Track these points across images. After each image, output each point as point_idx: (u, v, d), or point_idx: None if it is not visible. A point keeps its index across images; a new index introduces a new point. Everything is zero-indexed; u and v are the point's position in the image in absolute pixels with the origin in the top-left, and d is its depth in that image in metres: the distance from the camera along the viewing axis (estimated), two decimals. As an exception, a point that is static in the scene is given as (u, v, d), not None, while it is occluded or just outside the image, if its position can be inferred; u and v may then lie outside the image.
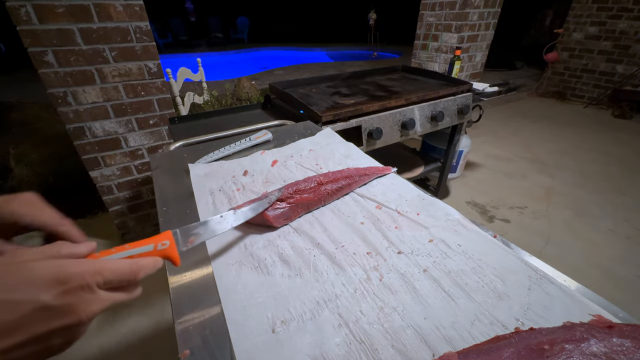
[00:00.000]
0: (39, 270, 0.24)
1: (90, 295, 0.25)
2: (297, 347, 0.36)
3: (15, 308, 0.22)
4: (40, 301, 0.22)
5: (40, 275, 0.23)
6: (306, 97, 1.43)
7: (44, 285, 0.23)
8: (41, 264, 0.24)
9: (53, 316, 0.23)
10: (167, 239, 0.36)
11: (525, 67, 6.49)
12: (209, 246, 0.51)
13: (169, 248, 0.36)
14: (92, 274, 0.26)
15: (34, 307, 0.22)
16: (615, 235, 1.90)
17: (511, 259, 0.47)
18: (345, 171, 0.66)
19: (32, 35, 1.21)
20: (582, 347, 0.31)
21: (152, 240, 0.35)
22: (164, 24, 8.47)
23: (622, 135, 3.31)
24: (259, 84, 4.31)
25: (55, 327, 0.23)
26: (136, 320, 1.40)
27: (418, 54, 2.66)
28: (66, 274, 0.24)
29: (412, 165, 1.97)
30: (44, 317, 0.23)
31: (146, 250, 0.34)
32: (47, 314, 0.23)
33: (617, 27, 3.87)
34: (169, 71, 1.94)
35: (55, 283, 0.23)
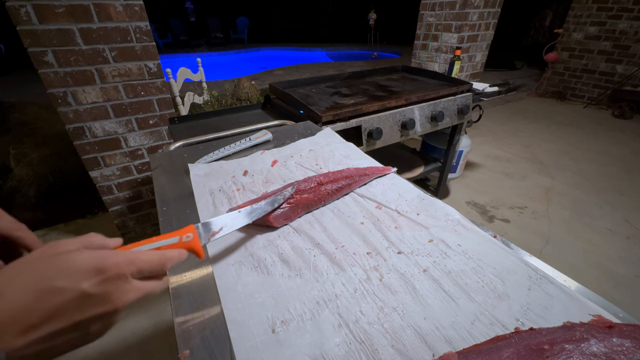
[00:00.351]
0: (79, 261, 0.25)
1: (126, 285, 0.27)
2: (296, 347, 0.36)
3: (59, 295, 0.23)
4: (81, 289, 0.24)
5: (81, 265, 0.25)
6: (306, 97, 1.43)
7: (84, 275, 0.24)
8: (81, 255, 0.26)
9: (93, 304, 0.25)
10: (191, 232, 0.38)
11: (525, 67, 6.49)
12: (209, 246, 0.51)
13: (192, 241, 0.37)
14: (127, 264, 0.27)
15: (75, 294, 0.24)
16: (614, 235, 1.90)
17: (511, 259, 0.47)
18: (345, 171, 0.66)
19: (32, 35, 1.21)
20: (582, 347, 0.31)
21: (177, 233, 0.37)
22: (163, 24, 8.47)
23: (621, 135, 3.31)
24: (259, 84, 4.31)
25: (94, 314, 0.25)
26: (136, 321, 1.40)
27: (418, 54, 2.66)
28: (104, 264, 0.26)
29: (412, 165, 1.97)
30: (85, 305, 0.24)
31: (172, 242, 0.36)
32: (87, 301, 0.24)
33: (617, 27, 3.88)
34: (169, 71, 1.94)
35: (95, 272, 0.25)
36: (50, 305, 0.23)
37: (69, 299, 0.24)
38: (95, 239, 0.30)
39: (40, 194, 2.13)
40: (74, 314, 0.24)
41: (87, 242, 0.29)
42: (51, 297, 0.23)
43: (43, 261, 0.25)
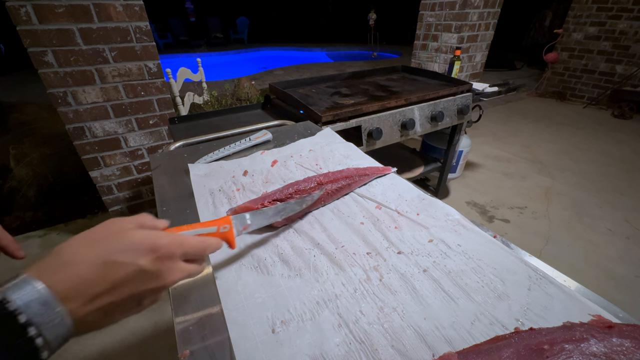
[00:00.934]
0: (137, 239, 0.28)
1: (174, 264, 0.30)
2: (296, 347, 0.36)
3: (121, 269, 0.26)
4: (139, 265, 0.27)
5: (139, 243, 0.27)
6: (306, 97, 1.43)
7: (142, 252, 0.27)
8: (138, 233, 0.28)
9: (147, 279, 0.27)
10: (227, 223, 0.40)
11: (525, 67, 6.49)
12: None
13: (228, 232, 0.40)
14: (177, 245, 0.30)
15: (134, 269, 0.26)
16: (614, 235, 1.90)
17: (511, 259, 0.47)
18: (345, 171, 0.66)
19: (32, 35, 1.21)
20: (582, 347, 0.31)
21: (215, 223, 0.39)
22: (163, 24, 8.47)
23: (621, 135, 3.31)
24: (259, 84, 4.31)
25: (147, 289, 0.28)
26: (136, 321, 1.40)
27: (418, 54, 2.66)
28: (158, 244, 0.28)
29: (412, 165, 1.97)
30: (141, 279, 0.27)
31: (210, 231, 0.38)
32: (143, 276, 0.27)
33: (617, 27, 3.88)
34: (169, 71, 1.94)
35: (150, 251, 0.27)
36: (112, 278, 0.25)
37: (129, 272, 0.26)
38: (146, 219, 0.32)
39: (40, 194, 2.13)
40: (131, 286, 0.26)
41: (140, 222, 0.31)
42: (114, 270, 0.25)
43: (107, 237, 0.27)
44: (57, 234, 1.92)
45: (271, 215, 0.50)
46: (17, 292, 0.22)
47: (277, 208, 0.51)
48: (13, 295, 0.22)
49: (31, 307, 0.22)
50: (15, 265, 0.47)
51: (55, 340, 0.23)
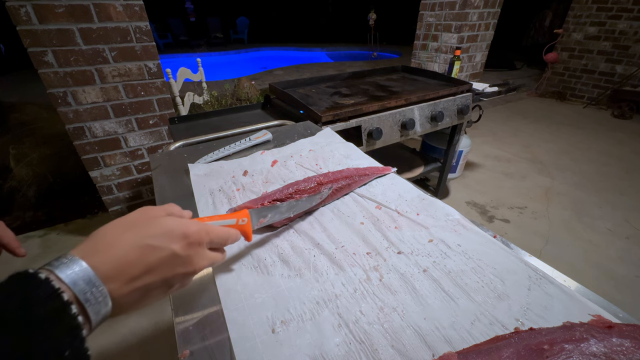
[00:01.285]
0: (170, 225, 0.29)
1: (202, 251, 0.32)
2: (296, 347, 0.36)
3: (156, 253, 0.27)
4: (172, 249, 0.28)
5: (172, 229, 0.29)
6: (306, 97, 1.43)
7: (174, 238, 0.29)
8: (170, 220, 0.30)
9: (179, 263, 0.29)
10: (246, 217, 0.42)
11: (525, 68, 6.49)
12: (208, 246, 0.51)
13: (246, 225, 0.42)
14: (205, 233, 0.32)
15: (168, 253, 0.28)
16: (614, 235, 1.90)
17: (511, 259, 0.47)
18: (345, 171, 0.66)
19: (32, 35, 1.21)
20: (582, 347, 0.31)
21: (234, 215, 0.41)
22: (163, 24, 8.47)
23: (621, 135, 3.31)
24: (259, 84, 4.31)
25: (178, 273, 0.29)
26: (135, 321, 1.40)
27: (418, 54, 2.66)
28: (189, 231, 0.30)
29: (412, 165, 1.97)
30: (174, 263, 0.28)
31: (230, 223, 0.40)
32: (175, 260, 0.29)
33: (617, 27, 3.88)
34: (168, 71, 1.94)
35: (182, 237, 0.29)
36: (149, 261, 0.27)
37: (163, 256, 0.28)
38: (174, 208, 0.34)
39: (40, 194, 2.13)
40: (165, 270, 0.28)
41: (170, 210, 0.33)
42: (150, 254, 0.27)
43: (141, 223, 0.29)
44: (57, 234, 1.92)
45: (285, 210, 0.51)
46: (64, 271, 0.23)
47: (290, 204, 0.53)
48: (61, 273, 0.23)
49: (78, 285, 0.23)
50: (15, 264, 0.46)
51: (96, 318, 0.24)
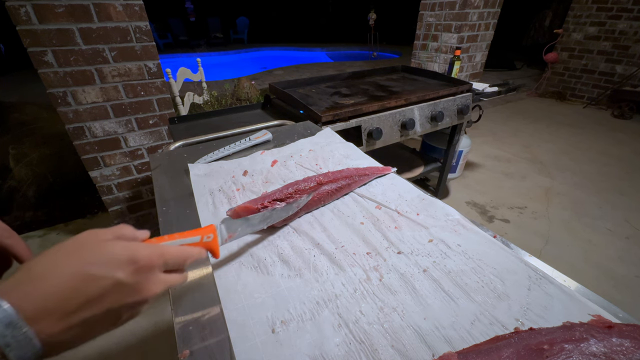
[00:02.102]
0: (115, 251, 0.26)
1: (154, 276, 0.29)
2: (296, 347, 0.36)
3: (97, 283, 0.24)
4: (116, 278, 0.25)
5: (117, 255, 0.26)
6: (306, 97, 1.43)
7: (119, 264, 0.26)
8: (116, 245, 0.27)
9: (126, 292, 0.26)
10: (212, 233, 0.39)
11: (524, 68, 6.49)
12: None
13: (212, 241, 0.39)
14: (157, 256, 0.29)
15: (111, 282, 0.25)
16: (614, 235, 1.90)
17: (511, 259, 0.47)
18: (345, 171, 0.66)
19: (31, 35, 1.21)
20: (582, 347, 0.31)
21: (199, 232, 0.38)
22: (163, 24, 8.47)
23: (621, 135, 3.31)
24: (259, 84, 4.31)
25: (125, 303, 0.26)
26: (135, 321, 1.40)
27: (418, 54, 2.66)
28: (137, 256, 0.27)
29: (412, 165, 1.97)
30: (119, 293, 0.26)
31: (194, 241, 0.37)
32: (121, 290, 0.26)
33: (617, 27, 3.88)
34: (168, 71, 1.94)
35: (129, 263, 0.26)
36: (88, 292, 0.24)
37: (105, 286, 0.25)
38: (126, 230, 0.31)
39: (39, 194, 2.13)
40: (108, 301, 0.25)
41: (119, 233, 0.30)
42: (89, 284, 0.24)
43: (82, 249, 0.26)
44: (57, 234, 1.92)
45: (257, 223, 0.49)
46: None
47: (264, 215, 0.51)
48: None
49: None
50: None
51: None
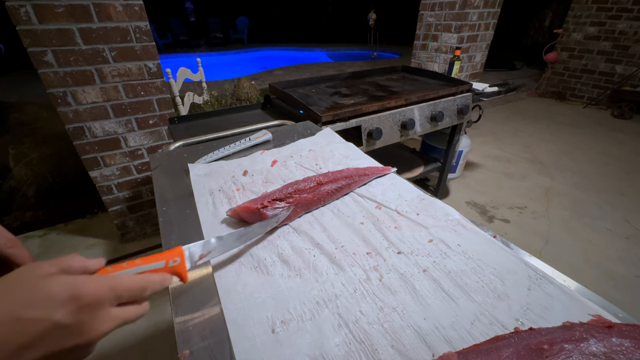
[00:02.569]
0: (54, 288, 0.23)
1: (102, 312, 0.26)
2: (296, 347, 0.36)
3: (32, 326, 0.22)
4: (54, 320, 0.22)
5: (56, 292, 0.23)
6: (306, 97, 1.43)
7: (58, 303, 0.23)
8: (56, 281, 0.24)
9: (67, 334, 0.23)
10: (178, 256, 0.37)
11: (524, 68, 6.49)
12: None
13: (179, 265, 0.36)
14: (106, 290, 0.26)
15: (48, 325, 0.22)
16: (614, 235, 1.90)
17: (511, 259, 0.47)
18: (344, 171, 0.66)
19: (31, 35, 1.21)
20: (582, 347, 0.31)
21: (164, 256, 0.35)
22: (163, 24, 8.47)
23: (621, 135, 3.31)
24: (259, 84, 4.31)
25: (66, 346, 0.23)
26: (135, 321, 1.40)
27: (418, 54, 2.66)
28: (80, 292, 0.24)
29: (412, 165, 1.97)
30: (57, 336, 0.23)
31: (157, 267, 0.34)
32: (61, 332, 0.23)
33: (617, 27, 3.88)
34: (168, 71, 1.94)
35: (70, 300, 0.23)
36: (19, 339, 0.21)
37: (41, 331, 0.22)
38: (75, 261, 0.28)
39: (39, 194, 2.13)
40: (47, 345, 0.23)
41: (66, 265, 0.27)
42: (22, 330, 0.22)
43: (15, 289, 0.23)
44: (57, 233, 1.92)
45: (231, 242, 0.46)
46: None
47: (239, 233, 0.48)
48: None
49: None
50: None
51: None
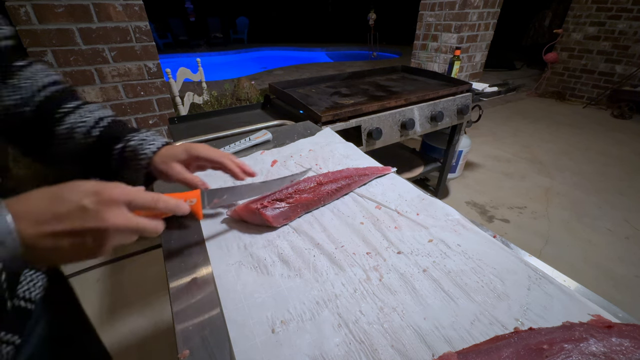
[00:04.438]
0: (86, 185, 0.33)
1: (117, 209, 0.33)
2: (296, 347, 0.36)
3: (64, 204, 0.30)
4: (80, 202, 0.31)
5: (86, 188, 0.32)
6: (306, 97, 1.43)
7: (85, 193, 0.31)
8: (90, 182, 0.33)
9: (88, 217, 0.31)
10: (195, 197, 0.44)
11: (524, 68, 6.50)
12: (208, 246, 0.51)
13: (195, 205, 0.43)
14: (121, 193, 0.33)
15: (75, 206, 0.30)
16: (614, 235, 1.90)
17: (511, 259, 0.47)
18: (344, 171, 0.66)
19: (31, 35, 1.21)
20: (581, 346, 0.31)
21: (183, 195, 0.42)
22: (163, 24, 8.46)
23: (621, 135, 3.31)
24: (259, 84, 4.31)
25: (88, 226, 0.31)
26: (135, 321, 1.40)
27: (418, 54, 2.66)
28: (102, 190, 0.32)
29: (412, 165, 1.97)
30: (82, 217, 0.31)
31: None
32: (84, 214, 0.31)
33: (617, 27, 3.88)
34: (168, 71, 1.94)
35: (94, 194, 0.32)
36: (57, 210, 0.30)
37: (71, 208, 0.30)
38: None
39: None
40: (74, 221, 0.30)
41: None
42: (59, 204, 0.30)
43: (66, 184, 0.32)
44: (56, 234, 1.92)
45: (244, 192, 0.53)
46: None
47: (252, 186, 0.54)
48: None
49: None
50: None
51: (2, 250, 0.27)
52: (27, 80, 0.46)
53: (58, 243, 0.30)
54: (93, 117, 0.49)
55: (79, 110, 0.49)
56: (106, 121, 0.50)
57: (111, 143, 0.49)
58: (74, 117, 0.48)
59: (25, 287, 0.43)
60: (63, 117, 0.47)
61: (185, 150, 0.51)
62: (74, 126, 0.47)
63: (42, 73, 0.48)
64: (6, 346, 0.38)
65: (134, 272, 1.66)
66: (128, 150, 0.49)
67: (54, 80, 0.49)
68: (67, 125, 0.47)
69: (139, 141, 0.50)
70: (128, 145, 0.49)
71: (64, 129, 0.47)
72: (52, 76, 0.49)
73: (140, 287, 1.57)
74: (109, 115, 0.51)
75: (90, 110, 0.50)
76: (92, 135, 0.48)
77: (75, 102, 0.49)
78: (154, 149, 0.50)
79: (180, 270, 0.47)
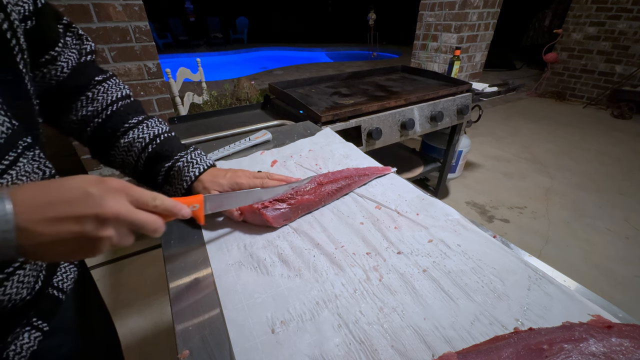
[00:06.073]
0: (92, 177, 0.34)
1: (118, 199, 0.33)
2: (296, 348, 0.36)
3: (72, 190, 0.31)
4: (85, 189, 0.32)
5: (91, 178, 0.33)
6: (306, 97, 1.43)
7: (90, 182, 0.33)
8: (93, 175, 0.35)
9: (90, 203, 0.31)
10: (198, 203, 0.44)
11: (524, 68, 6.50)
12: (208, 246, 0.51)
13: (198, 210, 0.44)
14: (121, 186, 0.34)
15: (80, 191, 0.31)
16: (614, 235, 1.90)
17: (511, 259, 0.47)
18: (344, 171, 0.66)
19: (31, 35, 1.21)
20: (581, 347, 0.31)
21: (186, 200, 0.43)
22: (163, 24, 8.46)
23: (621, 135, 3.31)
24: (259, 84, 4.31)
25: (89, 212, 0.31)
26: (135, 321, 1.40)
27: (417, 54, 2.66)
28: (105, 180, 0.34)
29: (412, 165, 1.97)
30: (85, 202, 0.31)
31: None
32: (87, 199, 0.31)
33: (616, 27, 3.88)
34: (168, 71, 1.94)
35: (98, 183, 0.33)
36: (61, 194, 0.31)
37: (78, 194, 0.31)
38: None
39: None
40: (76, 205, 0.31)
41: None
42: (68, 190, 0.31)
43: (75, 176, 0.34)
44: (56, 234, 1.92)
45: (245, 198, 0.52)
46: None
47: (253, 192, 0.54)
48: None
49: None
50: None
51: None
52: (102, 94, 0.52)
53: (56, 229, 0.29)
54: (151, 133, 0.54)
55: (141, 125, 0.55)
56: (161, 137, 0.55)
57: (161, 160, 0.54)
58: (136, 133, 0.54)
59: (60, 277, 0.46)
60: (127, 130, 0.53)
61: (229, 184, 0.55)
62: (133, 142, 0.53)
63: (115, 87, 0.54)
64: (35, 332, 0.40)
65: (134, 272, 1.66)
66: (174, 169, 0.54)
67: (124, 94, 0.55)
68: (129, 139, 0.53)
69: (186, 163, 0.55)
70: (175, 165, 0.54)
71: (125, 143, 0.53)
72: (124, 90, 0.56)
73: (139, 287, 1.57)
74: (164, 131, 0.57)
75: (150, 125, 0.55)
76: (148, 150, 0.54)
77: (138, 117, 0.55)
78: (197, 173, 0.55)
79: (180, 270, 0.47)
